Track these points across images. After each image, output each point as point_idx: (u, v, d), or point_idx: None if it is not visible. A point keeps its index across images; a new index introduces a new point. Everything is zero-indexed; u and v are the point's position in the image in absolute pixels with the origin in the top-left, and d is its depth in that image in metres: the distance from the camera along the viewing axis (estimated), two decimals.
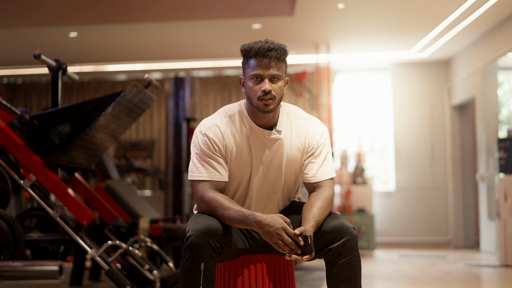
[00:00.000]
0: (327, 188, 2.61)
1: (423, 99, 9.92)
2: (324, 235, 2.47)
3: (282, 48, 2.55)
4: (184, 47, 9.05)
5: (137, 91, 4.11)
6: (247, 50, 2.54)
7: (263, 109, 2.52)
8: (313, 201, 2.53)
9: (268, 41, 2.54)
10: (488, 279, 5.93)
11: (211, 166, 2.55)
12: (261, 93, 2.50)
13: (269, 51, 2.50)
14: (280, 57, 2.54)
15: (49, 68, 4.22)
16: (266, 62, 2.51)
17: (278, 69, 2.53)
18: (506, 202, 6.86)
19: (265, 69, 2.51)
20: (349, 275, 2.45)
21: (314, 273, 6.21)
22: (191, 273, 2.35)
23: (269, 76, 2.52)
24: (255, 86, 2.52)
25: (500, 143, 7.19)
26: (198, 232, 2.35)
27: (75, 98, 10.46)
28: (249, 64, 2.55)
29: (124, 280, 3.71)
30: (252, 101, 2.53)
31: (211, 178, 2.54)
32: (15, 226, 3.78)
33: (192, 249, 2.35)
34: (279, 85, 2.54)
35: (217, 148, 2.57)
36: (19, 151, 3.87)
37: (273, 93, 2.51)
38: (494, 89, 8.32)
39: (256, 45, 2.52)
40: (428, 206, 9.75)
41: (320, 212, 2.49)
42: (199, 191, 2.53)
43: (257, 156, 2.61)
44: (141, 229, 4.88)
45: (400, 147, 9.90)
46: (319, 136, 2.66)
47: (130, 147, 8.84)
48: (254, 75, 2.52)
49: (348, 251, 2.44)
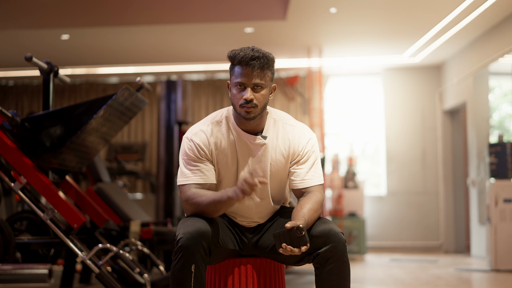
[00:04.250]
0: (317, 193, 2.61)
1: (415, 104, 9.95)
2: (313, 240, 2.46)
3: (267, 57, 2.54)
4: (176, 50, 9.05)
5: (128, 94, 4.10)
6: (232, 57, 2.56)
7: (245, 116, 2.54)
8: (303, 204, 2.53)
9: (254, 49, 2.55)
10: (479, 284, 5.94)
11: (198, 170, 2.57)
12: (243, 101, 2.52)
13: (252, 59, 2.51)
14: (264, 66, 2.53)
15: (41, 70, 4.20)
16: (249, 71, 2.52)
17: (261, 78, 2.54)
18: (496, 207, 6.89)
19: (248, 78, 2.52)
20: (338, 281, 2.46)
21: (304, 277, 6.21)
22: (182, 275, 2.36)
23: (251, 85, 2.53)
24: (238, 94, 2.54)
25: (491, 148, 7.22)
26: (188, 234, 2.36)
27: (66, 100, 10.43)
28: (234, 71, 2.57)
29: (115, 283, 3.70)
30: (235, 107, 2.56)
31: (196, 181, 2.56)
32: (5, 229, 3.77)
33: (183, 251, 2.35)
34: (262, 94, 2.55)
35: (203, 153, 2.58)
36: (9, 153, 3.86)
37: (255, 101, 2.52)
38: (486, 94, 8.36)
39: (241, 53, 2.53)
40: (419, 210, 9.77)
41: (310, 214, 2.48)
42: (184, 193, 2.55)
43: (243, 161, 2.62)
44: (132, 232, 4.87)
45: (392, 152, 9.92)
46: (305, 143, 2.66)
47: (121, 150, 8.82)
48: (238, 83, 2.54)
49: (337, 256, 2.44)
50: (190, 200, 2.52)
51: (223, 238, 2.56)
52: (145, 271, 4.16)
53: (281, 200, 2.76)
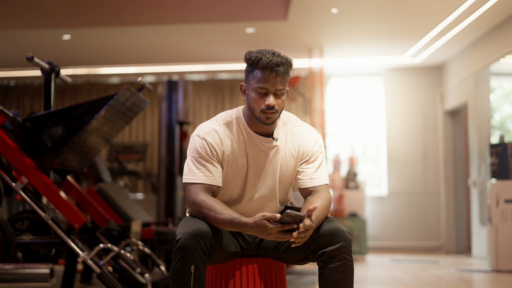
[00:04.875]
0: (325, 192, 2.61)
1: (416, 104, 9.95)
2: (319, 238, 2.46)
3: (289, 63, 2.52)
4: (178, 50, 9.05)
5: (130, 94, 4.11)
6: (254, 60, 2.50)
7: (265, 122, 2.52)
8: (313, 201, 2.52)
9: (275, 53, 2.50)
10: (479, 284, 5.94)
11: (207, 169, 2.55)
12: (265, 107, 2.49)
13: (277, 66, 2.47)
14: (286, 72, 2.51)
15: (42, 70, 4.21)
16: (273, 77, 2.48)
17: (283, 84, 2.52)
18: (497, 208, 6.88)
19: (272, 84, 2.48)
20: (343, 279, 2.45)
21: (306, 277, 6.21)
22: (181, 275, 2.36)
23: (274, 91, 2.50)
24: (259, 99, 2.50)
25: (492, 149, 7.22)
26: (187, 235, 2.36)
27: (68, 101, 10.44)
28: (254, 74, 2.51)
29: (116, 283, 3.70)
30: (254, 112, 2.52)
31: (204, 181, 2.54)
32: (6, 229, 3.77)
33: (182, 251, 2.35)
34: (282, 99, 2.54)
35: (214, 153, 2.57)
36: (11, 153, 3.86)
37: (276, 107, 2.51)
38: (487, 95, 8.36)
39: (264, 57, 2.47)
40: (420, 211, 9.77)
41: (320, 211, 2.47)
42: (191, 193, 2.52)
43: (254, 163, 2.61)
44: (133, 232, 4.87)
45: (393, 152, 9.92)
46: (314, 143, 2.67)
47: (122, 150, 8.83)
48: (260, 88, 2.49)
49: (342, 255, 2.44)
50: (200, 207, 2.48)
51: (225, 241, 2.55)
52: (146, 271, 4.17)
53: (286, 200, 2.77)
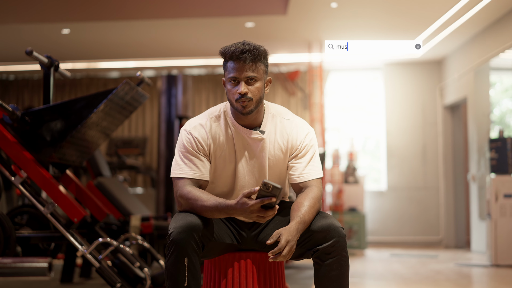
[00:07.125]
0: (314, 188, 2.60)
1: (416, 99, 9.94)
2: (313, 235, 2.46)
3: (257, 49, 2.54)
4: (177, 45, 9.04)
5: (129, 89, 4.10)
6: (224, 53, 2.57)
7: (242, 111, 2.54)
8: (300, 201, 2.53)
9: (245, 43, 2.55)
10: (479, 279, 5.95)
11: (193, 164, 2.57)
12: (238, 95, 2.52)
13: (243, 53, 2.51)
14: (255, 59, 2.53)
15: (41, 64, 4.20)
16: (241, 65, 2.52)
17: (254, 71, 2.54)
18: (497, 202, 6.89)
19: (240, 71, 2.53)
20: (338, 275, 2.45)
21: (304, 272, 6.21)
22: (175, 269, 2.38)
23: (244, 79, 2.53)
24: (233, 88, 2.55)
25: (491, 143, 7.22)
26: (179, 228, 2.38)
27: (67, 95, 10.43)
28: (227, 66, 2.58)
29: (115, 277, 3.71)
30: (232, 103, 2.56)
31: (191, 176, 2.56)
32: (5, 223, 3.77)
33: (175, 245, 2.38)
34: (256, 87, 2.54)
35: (201, 147, 2.59)
36: (10, 147, 3.86)
37: (250, 95, 2.52)
38: (486, 90, 8.36)
39: (231, 48, 2.54)
40: (420, 205, 9.77)
41: (306, 211, 2.48)
42: (178, 187, 2.55)
43: (241, 156, 2.63)
44: (132, 226, 4.87)
45: (392, 147, 9.92)
46: (303, 137, 2.66)
47: (122, 145, 8.82)
48: (231, 78, 2.54)
49: (337, 251, 2.44)
50: (187, 199, 2.50)
51: (217, 232, 2.56)
52: (145, 265, 4.17)
53: (281, 195, 2.76)
